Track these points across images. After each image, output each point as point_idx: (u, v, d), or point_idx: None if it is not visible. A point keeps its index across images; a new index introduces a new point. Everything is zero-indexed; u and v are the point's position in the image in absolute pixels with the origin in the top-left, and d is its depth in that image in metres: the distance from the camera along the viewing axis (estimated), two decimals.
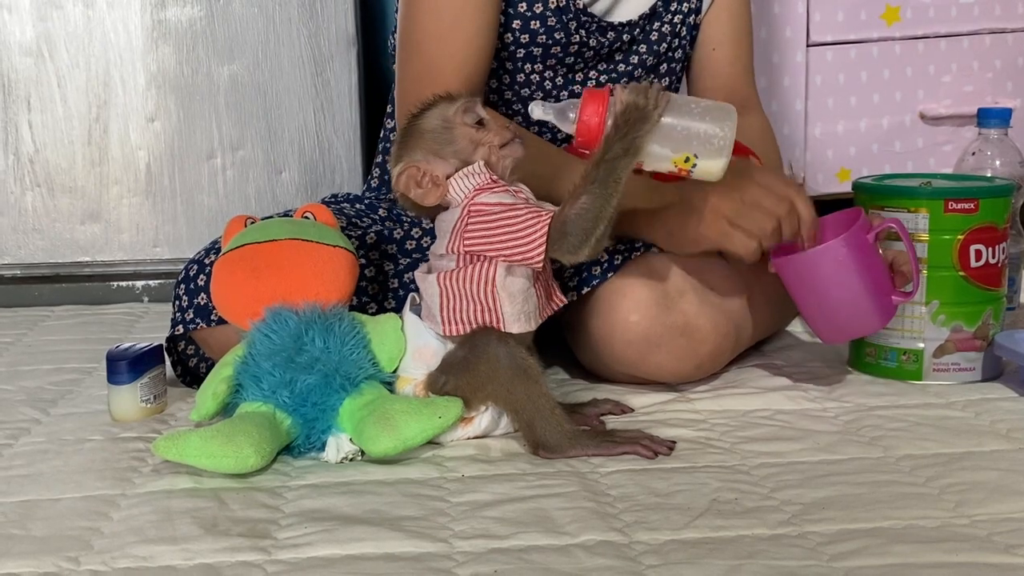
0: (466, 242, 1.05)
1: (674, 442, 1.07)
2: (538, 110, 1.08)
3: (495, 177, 1.07)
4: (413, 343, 1.09)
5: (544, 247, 1.03)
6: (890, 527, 0.89)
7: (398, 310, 1.17)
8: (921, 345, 1.24)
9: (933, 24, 1.89)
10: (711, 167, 1.05)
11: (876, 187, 1.28)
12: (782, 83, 1.89)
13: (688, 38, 1.41)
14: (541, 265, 1.05)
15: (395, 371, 1.10)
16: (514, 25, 1.31)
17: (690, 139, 1.04)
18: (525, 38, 1.31)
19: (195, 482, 1.01)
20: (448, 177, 1.07)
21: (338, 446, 1.06)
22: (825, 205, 1.63)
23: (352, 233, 1.25)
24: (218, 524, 0.92)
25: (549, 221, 1.03)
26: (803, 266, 1.14)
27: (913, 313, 1.23)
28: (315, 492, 0.99)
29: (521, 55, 1.32)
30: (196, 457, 1.01)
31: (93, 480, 1.03)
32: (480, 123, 1.08)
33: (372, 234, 1.28)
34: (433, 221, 1.11)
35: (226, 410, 1.09)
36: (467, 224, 1.05)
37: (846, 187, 1.86)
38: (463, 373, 1.06)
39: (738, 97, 1.42)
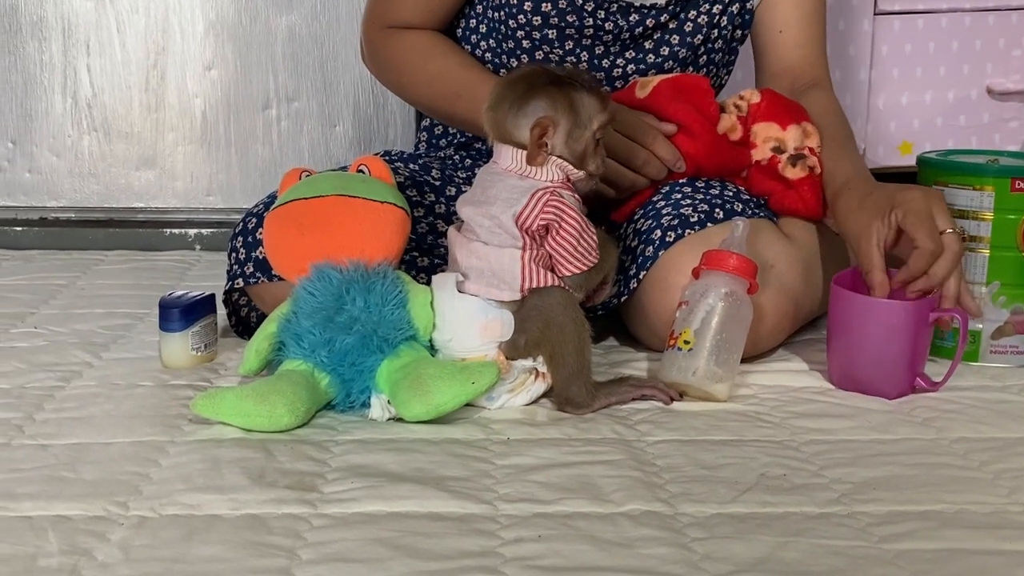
0: (543, 218, 1.06)
1: (681, 395, 1.10)
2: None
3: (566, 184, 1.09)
4: (476, 320, 1.06)
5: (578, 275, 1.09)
6: (942, 511, 0.87)
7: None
8: (979, 326, 1.22)
9: None
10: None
11: (942, 163, 1.25)
12: (847, 51, 1.85)
13: (729, 27, 1.33)
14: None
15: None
16: (526, 7, 1.27)
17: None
18: (537, 20, 1.27)
19: (243, 432, 1.02)
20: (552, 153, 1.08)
21: (382, 406, 1.05)
22: (885, 178, 1.60)
23: (407, 196, 1.24)
24: (265, 475, 0.93)
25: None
26: (856, 306, 1.12)
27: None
28: (361, 448, 0.99)
29: (537, 37, 1.29)
30: (231, 415, 1.01)
31: (143, 426, 1.04)
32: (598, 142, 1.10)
33: (426, 201, 1.27)
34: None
35: (271, 365, 1.10)
36: (547, 208, 1.06)
37: (908, 160, 1.82)
38: (536, 323, 1.05)
39: (806, 78, 1.35)
